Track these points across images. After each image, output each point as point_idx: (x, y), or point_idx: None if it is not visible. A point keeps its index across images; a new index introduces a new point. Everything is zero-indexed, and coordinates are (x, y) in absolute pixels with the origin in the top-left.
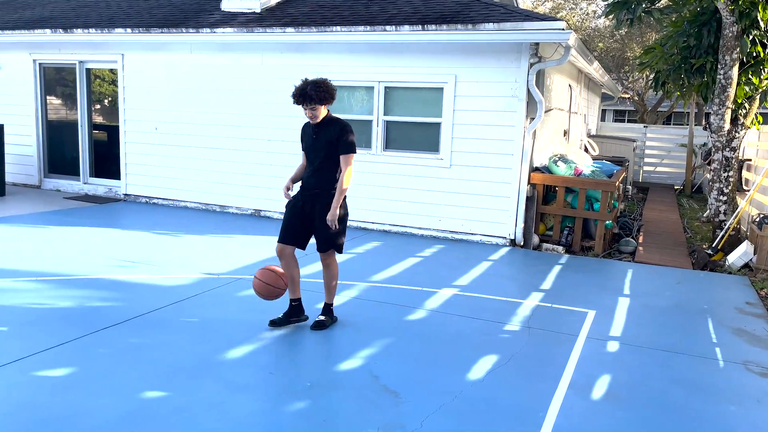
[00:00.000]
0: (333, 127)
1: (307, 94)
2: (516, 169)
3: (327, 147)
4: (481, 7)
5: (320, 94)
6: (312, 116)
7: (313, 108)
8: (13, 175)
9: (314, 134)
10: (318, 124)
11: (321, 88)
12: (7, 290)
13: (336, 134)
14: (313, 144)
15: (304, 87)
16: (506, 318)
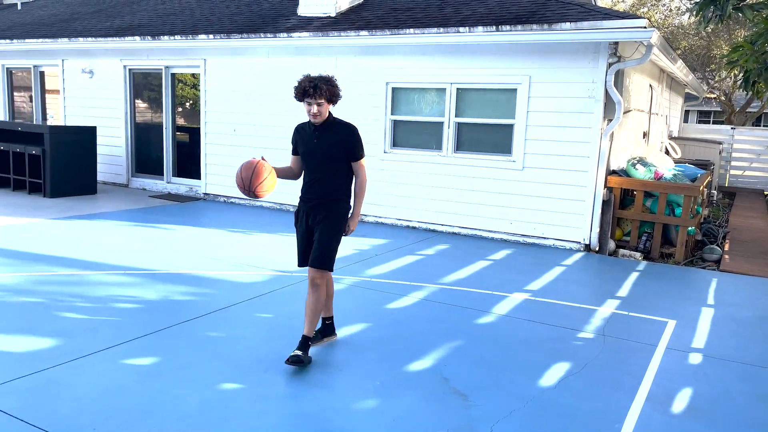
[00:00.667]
0: (339, 129)
1: (319, 86)
2: (592, 172)
3: (332, 152)
4: (558, 6)
5: (332, 90)
6: (317, 114)
7: (320, 104)
8: (104, 174)
9: (315, 138)
10: (320, 126)
11: (333, 84)
12: (99, 282)
13: (346, 138)
14: (314, 148)
15: (314, 79)
16: (580, 325)
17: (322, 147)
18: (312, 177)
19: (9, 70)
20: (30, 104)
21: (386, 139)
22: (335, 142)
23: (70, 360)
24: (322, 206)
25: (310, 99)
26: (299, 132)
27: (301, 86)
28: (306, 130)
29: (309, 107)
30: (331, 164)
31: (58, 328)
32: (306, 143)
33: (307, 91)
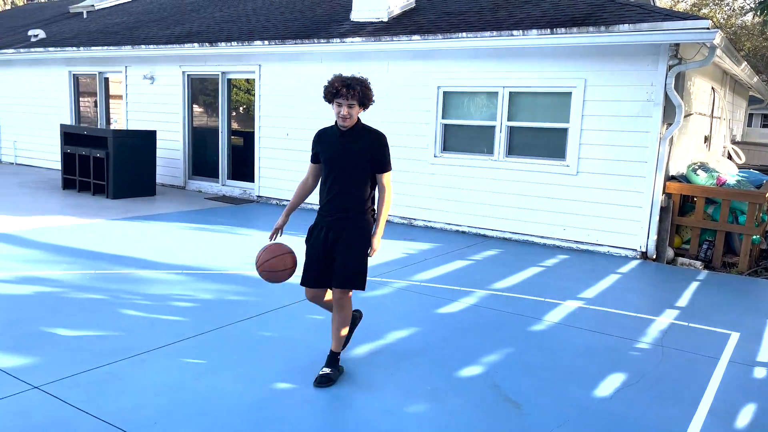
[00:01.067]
0: (368, 137)
1: (352, 86)
2: (650, 178)
3: (359, 160)
4: (616, 7)
5: (366, 92)
6: (347, 116)
7: (352, 106)
8: (162, 177)
9: (341, 144)
10: (347, 131)
11: (367, 86)
12: (157, 281)
13: (374, 147)
14: (339, 155)
15: (347, 79)
16: (637, 335)
17: (349, 154)
18: (335, 188)
19: (76, 77)
20: (95, 109)
21: (436, 143)
22: (363, 149)
23: (131, 356)
24: (347, 220)
25: (342, 99)
26: (322, 137)
27: (332, 86)
28: (330, 135)
29: (339, 109)
30: (358, 174)
31: (119, 324)
32: (330, 149)
33: (339, 91)
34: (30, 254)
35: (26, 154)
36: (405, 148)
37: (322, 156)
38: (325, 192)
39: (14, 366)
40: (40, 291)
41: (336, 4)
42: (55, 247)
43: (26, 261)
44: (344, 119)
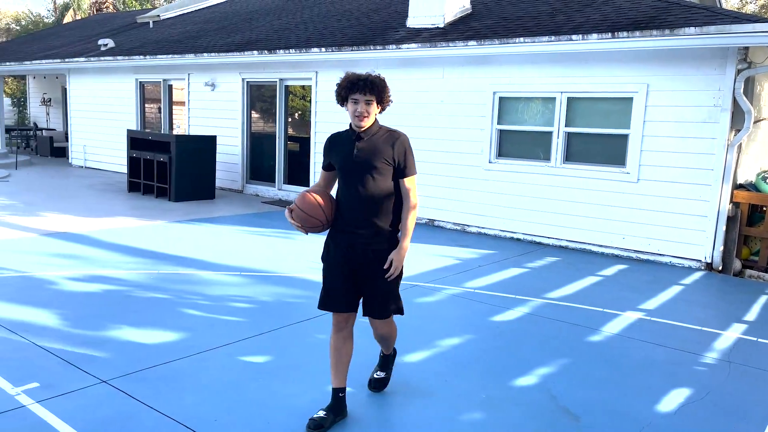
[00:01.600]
0: (388, 139)
1: (371, 80)
2: (716, 186)
3: (379, 165)
4: (681, 10)
5: (384, 87)
6: (363, 114)
7: (370, 102)
8: (221, 181)
9: (357, 148)
10: (364, 132)
11: (385, 83)
12: (216, 282)
13: (394, 148)
14: (358, 162)
15: (363, 75)
16: (701, 349)
17: (367, 159)
18: (355, 199)
19: (142, 84)
20: (159, 115)
21: (491, 149)
22: (382, 152)
23: (193, 354)
24: (376, 236)
25: (358, 94)
26: (334, 141)
27: (347, 80)
28: (344, 139)
29: (354, 107)
30: (379, 182)
31: (181, 323)
32: (344, 155)
33: (355, 84)
34: (97, 254)
35: (94, 158)
36: (459, 154)
37: (336, 164)
38: (343, 203)
39: (84, 360)
40: (107, 289)
41: (393, 11)
42: (121, 247)
43: (94, 260)
44: (361, 118)
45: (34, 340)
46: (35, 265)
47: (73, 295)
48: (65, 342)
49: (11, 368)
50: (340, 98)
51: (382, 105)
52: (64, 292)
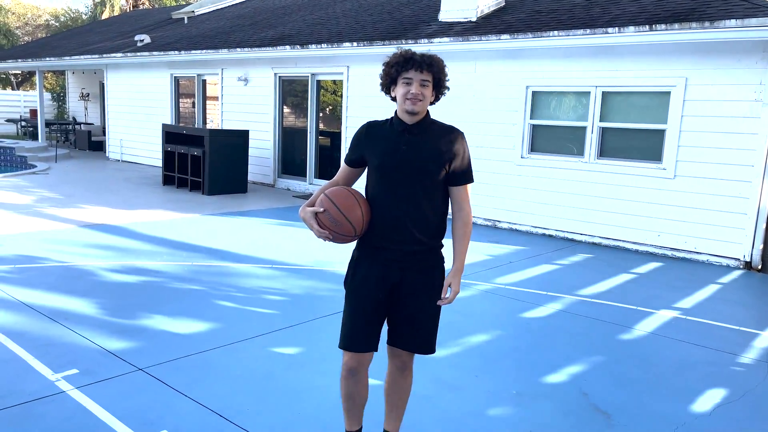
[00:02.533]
0: (445, 135)
1: (429, 57)
2: (756, 183)
3: (432, 168)
4: (721, 2)
5: (443, 69)
6: (418, 97)
7: (426, 84)
8: (253, 175)
9: (405, 142)
10: (414, 127)
11: (444, 64)
12: (249, 274)
13: (452, 148)
14: (404, 160)
15: (423, 54)
16: (739, 349)
17: (418, 158)
18: (396, 207)
19: (176, 79)
20: (192, 109)
21: (524, 143)
22: (438, 151)
23: (226, 344)
24: (426, 255)
25: (413, 72)
26: (372, 131)
27: (400, 56)
28: (386, 130)
29: (406, 88)
30: (430, 187)
31: (215, 314)
32: (387, 150)
33: (410, 60)
34: (134, 245)
35: (131, 152)
36: (491, 149)
37: (373, 159)
38: (381, 212)
39: (121, 348)
40: (143, 280)
41: (425, 5)
42: (156, 239)
43: (130, 251)
44: (414, 102)
45: (74, 328)
46: (75, 255)
47: (111, 285)
48: (103, 330)
49: (52, 355)
50: (388, 79)
51: (439, 90)
52: (102, 281)
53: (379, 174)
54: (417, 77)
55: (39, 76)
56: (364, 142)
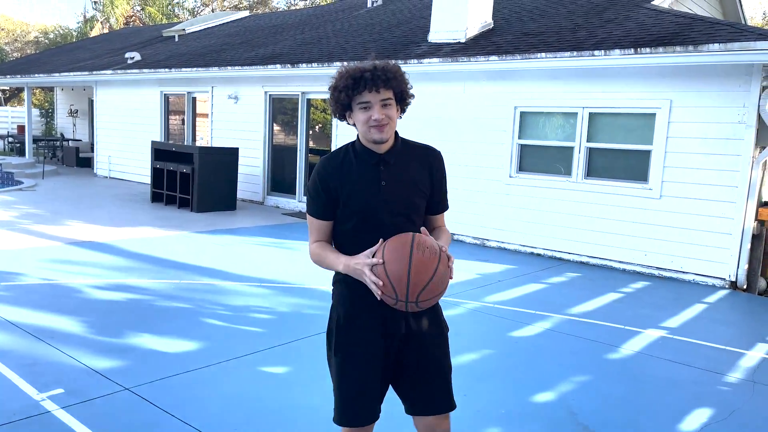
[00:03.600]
0: (422, 159)
1: (383, 69)
2: (740, 203)
3: (416, 201)
4: (705, 26)
5: (403, 78)
6: (383, 122)
7: (387, 103)
8: (242, 192)
9: (383, 177)
10: (388, 154)
11: (401, 72)
12: (237, 292)
13: (436, 175)
14: (386, 199)
15: (368, 65)
16: (725, 368)
17: (400, 193)
18: None
19: (166, 96)
20: (182, 127)
21: (512, 163)
22: (418, 180)
23: (214, 363)
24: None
25: (369, 94)
26: (335, 172)
27: (347, 76)
28: (356, 165)
29: (366, 114)
30: (416, 222)
31: (203, 333)
32: (367, 190)
33: (360, 80)
34: (121, 263)
35: (119, 168)
36: (480, 168)
37: (352, 204)
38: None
39: (107, 368)
40: (131, 298)
41: (414, 26)
42: (144, 256)
43: (118, 269)
44: (380, 128)
45: (60, 347)
46: (61, 273)
47: (98, 303)
48: (90, 349)
49: (37, 374)
50: (340, 107)
51: (404, 103)
52: (88, 300)
53: (360, 219)
54: (375, 99)
55: (27, 92)
56: (333, 184)
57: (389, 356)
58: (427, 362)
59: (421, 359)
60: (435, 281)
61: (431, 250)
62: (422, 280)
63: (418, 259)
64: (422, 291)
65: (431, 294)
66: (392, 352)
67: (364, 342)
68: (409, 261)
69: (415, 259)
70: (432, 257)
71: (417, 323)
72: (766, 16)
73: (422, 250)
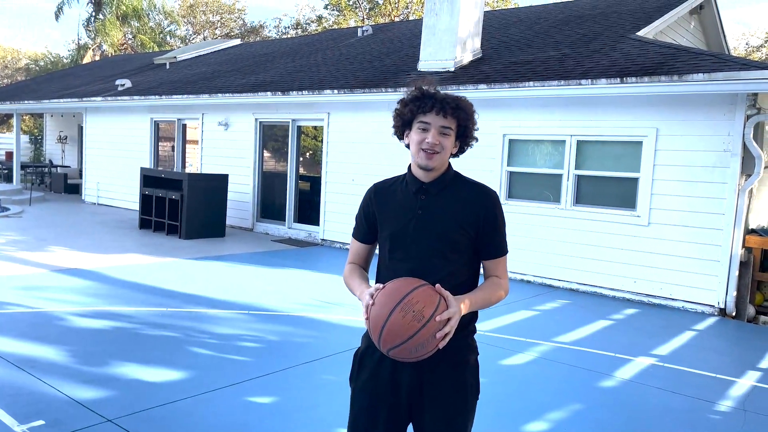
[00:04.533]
0: (472, 195)
1: (453, 99)
2: (727, 231)
3: (457, 237)
4: (689, 56)
5: (472, 117)
6: (435, 147)
7: (446, 132)
8: (231, 219)
9: (421, 205)
10: (432, 185)
11: (473, 109)
12: (225, 320)
13: (483, 213)
14: (422, 228)
15: (448, 93)
16: (716, 396)
17: (437, 224)
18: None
19: (156, 123)
20: (172, 153)
21: (501, 190)
22: (463, 216)
23: (199, 393)
24: (438, 351)
25: (432, 116)
26: (380, 196)
27: (418, 93)
28: (398, 192)
29: (422, 135)
30: (453, 260)
31: (188, 361)
32: (400, 216)
33: (428, 100)
34: (107, 290)
35: (107, 195)
36: None
37: (384, 228)
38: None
39: (90, 398)
40: (116, 326)
41: (404, 55)
42: (130, 284)
43: (103, 296)
44: (430, 154)
45: (41, 377)
46: (45, 300)
47: (82, 332)
48: (72, 379)
49: (17, 405)
50: (400, 120)
51: (464, 141)
52: (72, 328)
53: (391, 245)
54: (436, 123)
55: (16, 118)
56: (372, 208)
57: (399, 407)
58: (442, 423)
59: (438, 419)
60: (407, 346)
61: (417, 315)
62: (393, 340)
63: (395, 320)
64: (392, 349)
65: (403, 354)
66: (402, 404)
67: (370, 378)
68: (387, 316)
69: (392, 318)
70: (413, 324)
71: (433, 382)
72: (749, 47)
73: (405, 312)
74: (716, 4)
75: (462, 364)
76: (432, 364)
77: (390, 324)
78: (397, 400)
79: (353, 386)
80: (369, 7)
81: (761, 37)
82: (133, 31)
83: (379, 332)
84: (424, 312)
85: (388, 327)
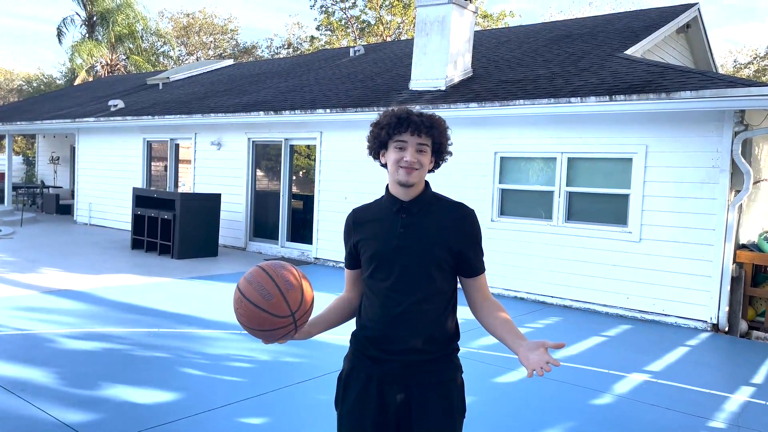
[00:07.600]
0: (452, 214)
1: (428, 117)
2: (718, 246)
3: (437, 254)
4: (677, 74)
5: (446, 133)
6: (413, 165)
7: (423, 149)
8: (224, 238)
9: (402, 225)
10: (411, 203)
11: (446, 126)
12: (216, 340)
13: (467, 233)
14: (402, 246)
15: (415, 111)
16: (709, 413)
17: (419, 244)
18: (395, 305)
19: (149, 143)
20: (165, 173)
21: (493, 207)
22: (444, 234)
23: (191, 415)
24: (429, 366)
25: (408, 136)
26: (359, 219)
27: (392, 115)
28: (378, 212)
29: (399, 154)
30: (436, 279)
31: (180, 383)
32: (381, 236)
33: (404, 121)
34: (98, 311)
35: (100, 215)
36: None
37: (366, 249)
38: (374, 311)
39: (80, 421)
40: (106, 348)
41: (396, 74)
42: (122, 304)
43: (94, 318)
44: (409, 171)
45: (31, 400)
46: (35, 322)
47: (72, 354)
48: (62, 402)
49: (6, 428)
50: (376, 142)
51: (440, 157)
52: (63, 350)
53: (374, 265)
54: (413, 141)
55: (9, 139)
56: (353, 233)
57: (387, 425)
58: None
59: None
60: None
61: (250, 290)
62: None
63: (243, 286)
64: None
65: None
66: (390, 422)
67: (356, 400)
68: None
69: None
70: (238, 298)
71: (422, 402)
72: (736, 64)
73: (249, 282)
74: (703, 23)
75: (449, 383)
76: (420, 384)
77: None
78: (385, 418)
79: (339, 410)
80: (361, 28)
81: (749, 55)
82: (126, 52)
83: (278, 287)
84: (256, 294)
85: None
